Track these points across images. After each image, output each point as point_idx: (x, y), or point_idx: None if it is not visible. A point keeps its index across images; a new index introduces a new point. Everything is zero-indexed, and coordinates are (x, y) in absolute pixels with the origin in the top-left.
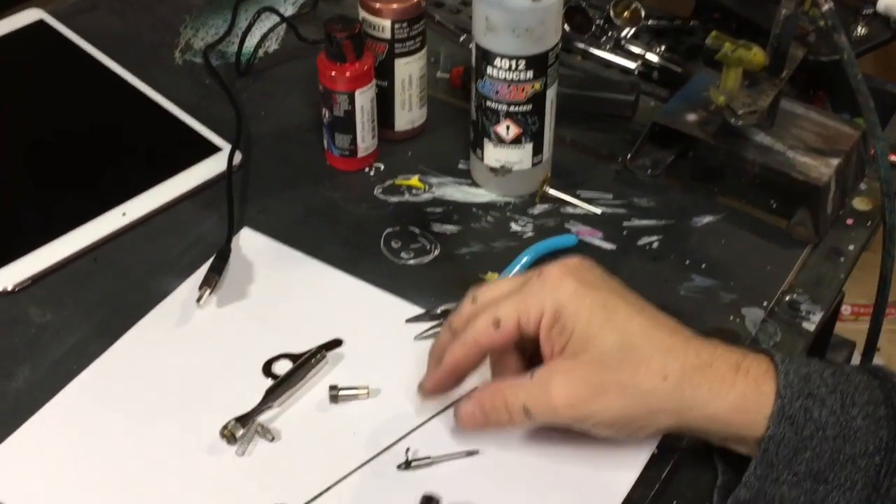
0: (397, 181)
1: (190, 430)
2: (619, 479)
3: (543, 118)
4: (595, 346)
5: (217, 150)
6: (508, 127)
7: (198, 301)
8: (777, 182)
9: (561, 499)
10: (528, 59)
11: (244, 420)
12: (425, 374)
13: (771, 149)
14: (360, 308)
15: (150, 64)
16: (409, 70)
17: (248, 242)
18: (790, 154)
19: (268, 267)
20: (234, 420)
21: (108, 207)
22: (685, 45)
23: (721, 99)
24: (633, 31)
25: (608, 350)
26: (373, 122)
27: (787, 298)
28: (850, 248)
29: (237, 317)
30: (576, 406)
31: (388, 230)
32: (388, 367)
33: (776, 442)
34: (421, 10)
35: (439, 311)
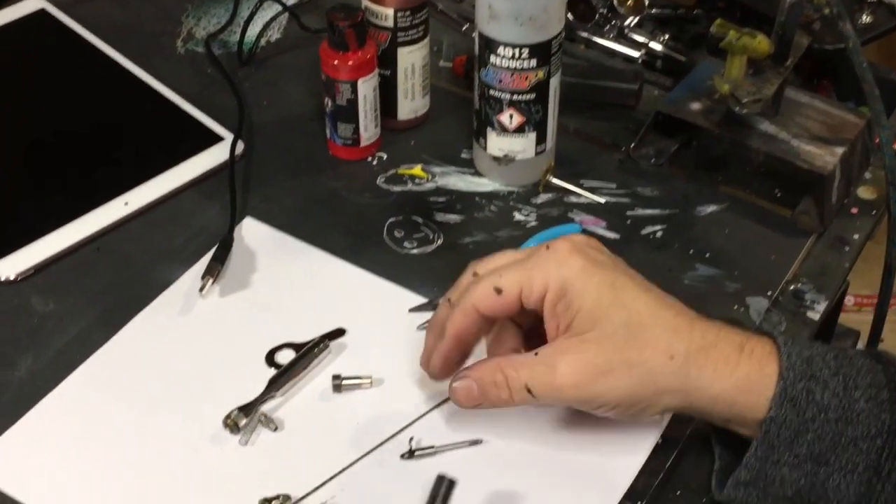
0: (400, 170)
1: (193, 420)
2: (623, 468)
3: (547, 107)
4: (602, 325)
5: (219, 139)
6: (512, 116)
7: (201, 291)
8: (781, 171)
9: (565, 488)
10: (532, 47)
11: (247, 409)
12: (423, 352)
13: (775, 137)
14: (363, 297)
15: (151, 53)
16: (411, 59)
17: (251, 232)
18: (795, 143)
19: (270, 256)
20: (238, 409)
21: (111, 197)
22: (689, 33)
23: (725, 87)
24: (636, 19)
25: (615, 329)
26: (375, 111)
27: (792, 288)
28: (855, 237)
29: (240, 306)
30: (581, 386)
31: (391, 219)
32: (392, 356)
33: (778, 423)
34: None
35: (442, 300)
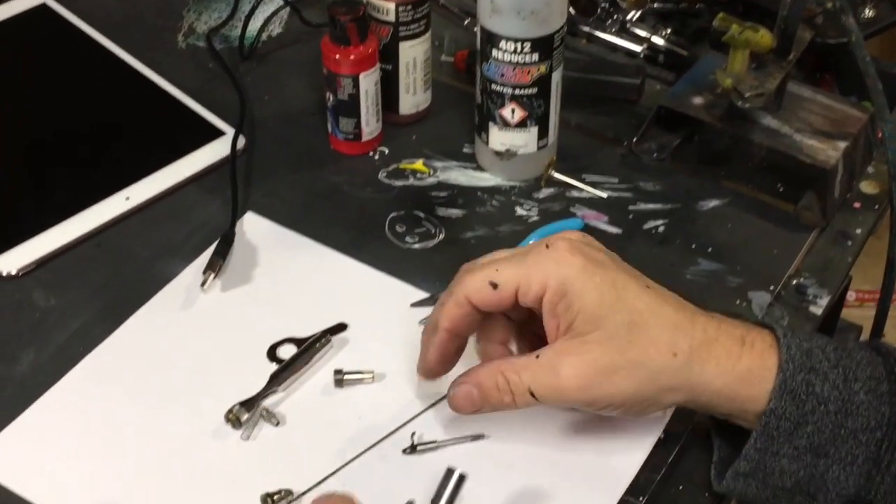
0: (402, 165)
1: (195, 415)
2: (625, 463)
3: (549, 101)
4: (605, 325)
5: (221, 134)
6: (514, 110)
7: (202, 285)
8: (784, 165)
9: (567, 483)
10: (534, 41)
11: (249, 404)
12: (419, 358)
13: (778, 132)
14: (365, 292)
15: (153, 48)
16: (413, 53)
17: (252, 227)
18: (797, 137)
19: (272, 251)
20: (239, 404)
21: (112, 192)
22: (691, 28)
23: (728, 81)
24: (638, 13)
25: (618, 330)
26: (377, 105)
27: (794, 282)
28: (858, 231)
29: (242, 301)
30: (586, 388)
31: (393, 214)
32: (393, 351)
33: (777, 416)
34: None
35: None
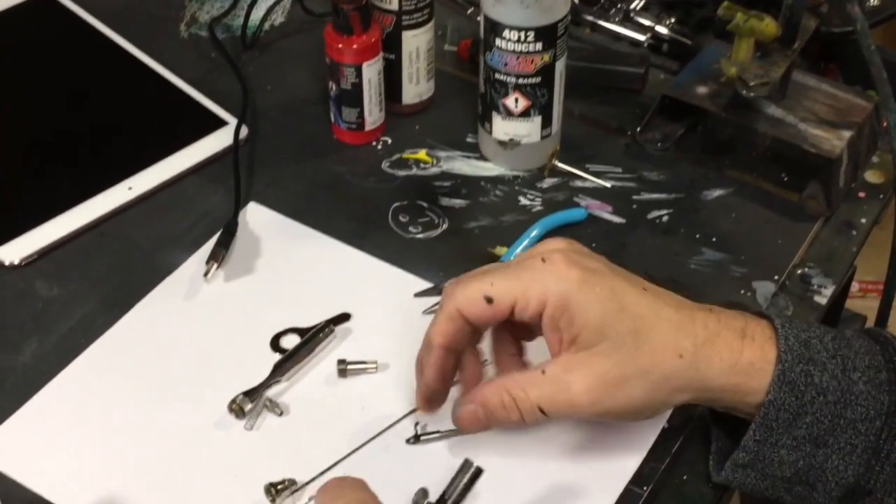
0: (405, 155)
1: (198, 405)
2: (630, 452)
3: (552, 90)
4: (610, 336)
5: (223, 123)
6: (517, 99)
7: (205, 275)
8: (788, 155)
9: (571, 473)
10: (537, 30)
11: (252, 394)
12: (416, 392)
13: (782, 121)
14: (368, 282)
15: (155, 37)
16: (416, 42)
17: (255, 216)
18: (802, 126)
19: (275, 241)
20: (243, 394)
21: (115, 182)
22: (695, 17)
23: (732, 70)
24: (642, 2)
25: (624, 339)
26: (380, 95)
27: (799, 272)
28: (863, 221)
29: (245, 291)
30: (599, 402)
31: (396, 204)
32: (397, 341)
33: (776, 407)
34: None
35: (447, 285)
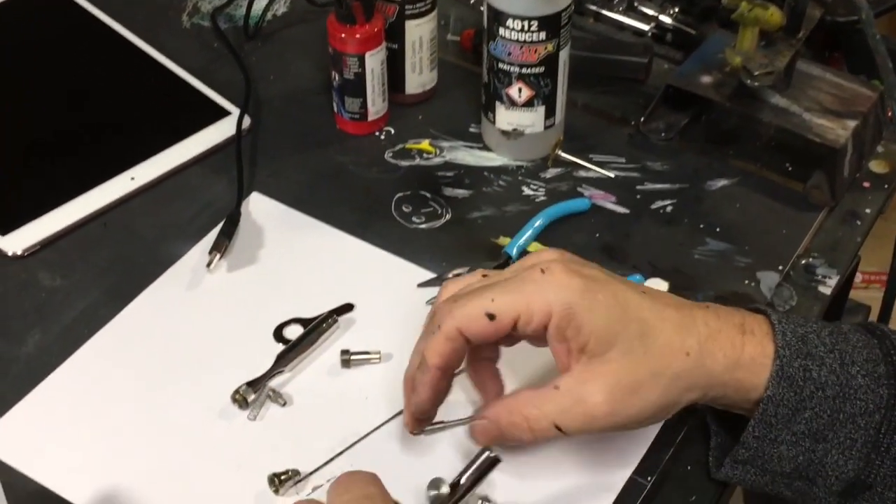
0: (408, 145)
1: (201, 395)
2: (634, 443)
3: (556, 80)
4: (618, 342)
5: (226, 113)
6: (521, 89)
7: (208, 266)
8: (793, 144)
9: (576, 463)
10: (541, 19)
11: (255, 385)
12: (405, 413)
13: (787, 111)
14: (372, 272)
15: (157, 27)
16: (419, 32)
17: (258, 207)
18: (806, 116)
19: (278, 231)
20: (246, 385)
21: (117, 172)
22: (699, 6)
23: (737, 60)
24: None
25: (632, 343)
26: (383, 85)
27: (803, 262)
28: (867, 211)
29: (247, 281)
30: (616, 412)
31: (399, 194)
32: (400, 331)
33: (775, 403)
34: None
35: (451, 275)
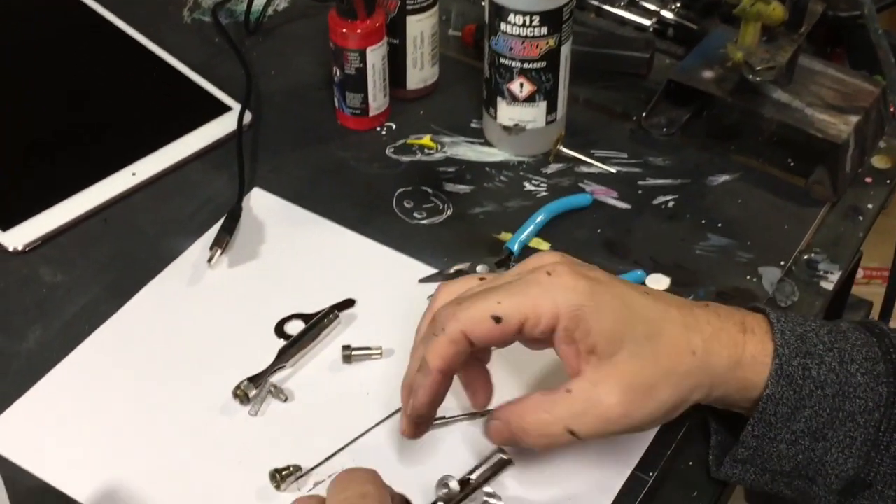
0: (409, 140)
1: (202, 391)
2: (635, 439)
3: (558, 75)
4: (627, 343)
5: (227, 109)
6: (522, 84)
7: (209, 261)
8: (795, 140)
9: (578, 458)
10: (543, 14)
11: (257, 380)
12: (402, 417)
13: (789, 106)
14: (373, 268)
15: (158, 23)
16: (420, 27)
17: (259, 202)
18: (808, 111)
19: (279, 227)
20: (247, 380)
21: (118, 167)
22: (701, 1)
23: (739, 55)
24: None
25: (640, 344)
26: (384, 80)
27: (805, 257)
28: (869, 206)
29: (249, 277)
30: (630, 413)
31: (400, 190)
32: (402, 327)
33: (774, 401)
34: None
35: (452, 271)
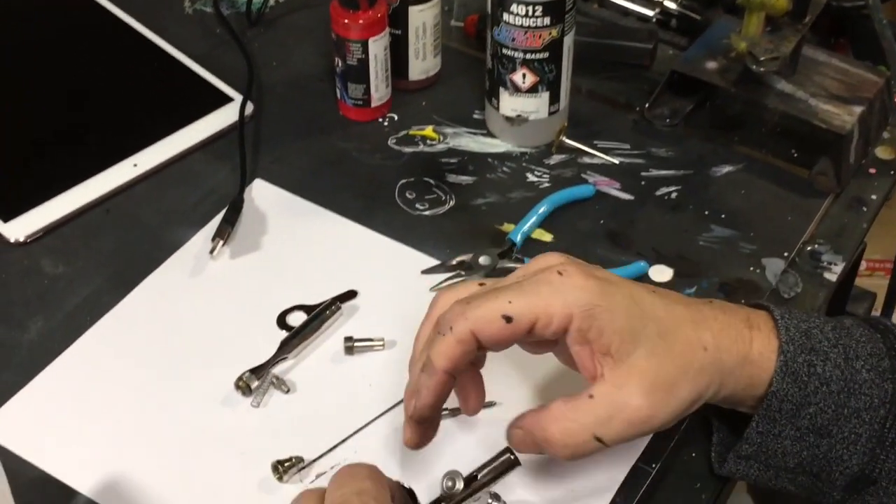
0: (411, 131)
1: (204, 382)
2: None
3: (560, 66)
4: (643, 342)
5: (229, 100)
6: (525, 75)
7: (211, 252)
8: (798, 130)
9: None
10: (545, 4)
11: (259, 371)
12: (406, 428)
13: (792, 96)
14: (375, 259)
15: (159, 13)
16: (423, 18)
17: (261, 193)
18: (812, 102)
19: (281, 218)
20: (249, 371)
21: (120, 158)
22: None
23: (742, 45)
24: None
25: (655, 342)
26: (386, 71)
27: (809, 249)
28: (873, 197)
29: (251, 268)
30: (655, 414)
31: (403, 181)
32: (404, 318)
33: (779, 398)
34: None
35: (454, 262)
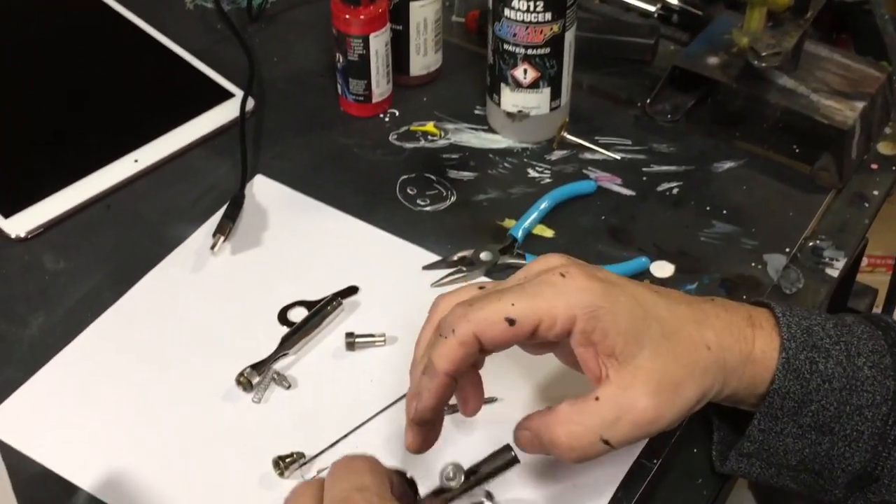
0: (412, 127)
1: (205, 378)
2: None
3: (562, 62)
4: (647, 342)
5: (229, 95)
6: (526, 71)
7: (212, 248)
8: (800, 126)
9: None
10: (547, 0)
11: (260, 367)
12: (407, 432)
13: (794, 92)
14: (376, 255)
15: (160, 9)
16: (424, 13)
17: (262, 189)
18: (814, 97)
19: (282, 214)
20: (250, 367)
21: (121, 154)
22: None
23: (744, 40)
24: None
25: (659, 343)
26: (387, 66)
27: (810, 244)
28: (875, 193)
29: (252, 264)
30: (661, 415)
31: (404, 177)
32: (405, 314)
33: (781, 395)
34: None
35: (456, 258)
